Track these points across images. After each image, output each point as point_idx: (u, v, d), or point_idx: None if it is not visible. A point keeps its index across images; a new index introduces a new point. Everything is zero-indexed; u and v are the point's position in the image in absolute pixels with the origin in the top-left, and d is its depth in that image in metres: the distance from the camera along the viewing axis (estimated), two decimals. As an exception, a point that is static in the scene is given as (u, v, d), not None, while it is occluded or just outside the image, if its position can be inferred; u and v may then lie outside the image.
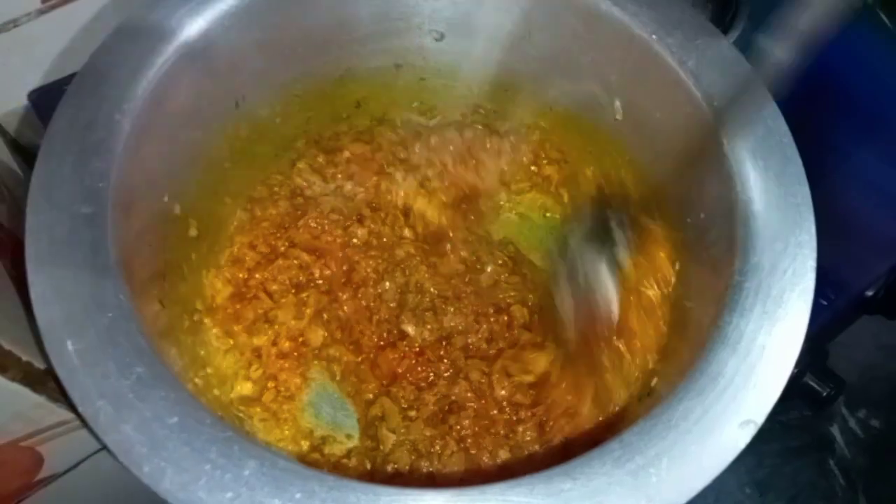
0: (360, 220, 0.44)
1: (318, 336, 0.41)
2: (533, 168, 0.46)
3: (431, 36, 0.43)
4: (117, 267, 0.29)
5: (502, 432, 0.38)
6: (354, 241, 0.44)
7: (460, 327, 0.41)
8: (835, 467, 0.59)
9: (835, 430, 0.60)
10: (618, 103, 0.40)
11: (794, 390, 0.45)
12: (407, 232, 0.44)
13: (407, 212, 0.45)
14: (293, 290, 0.42)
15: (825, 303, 0.42)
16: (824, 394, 0.45)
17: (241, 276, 0.42)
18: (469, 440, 0.38)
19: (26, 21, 0.42)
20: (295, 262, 0.42)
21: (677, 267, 0.38)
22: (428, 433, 0.38)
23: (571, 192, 0.46)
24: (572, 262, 0.40)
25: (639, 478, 0.26)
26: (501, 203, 0.47)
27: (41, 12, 0.42)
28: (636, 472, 0.26)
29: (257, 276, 0.42)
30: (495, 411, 0.39)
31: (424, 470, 0.37)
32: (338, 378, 0.41)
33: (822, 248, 0.32)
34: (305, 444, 0.39)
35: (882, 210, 0.45)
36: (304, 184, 0.45)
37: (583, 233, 0.41)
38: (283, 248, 0.43)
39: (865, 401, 0.60)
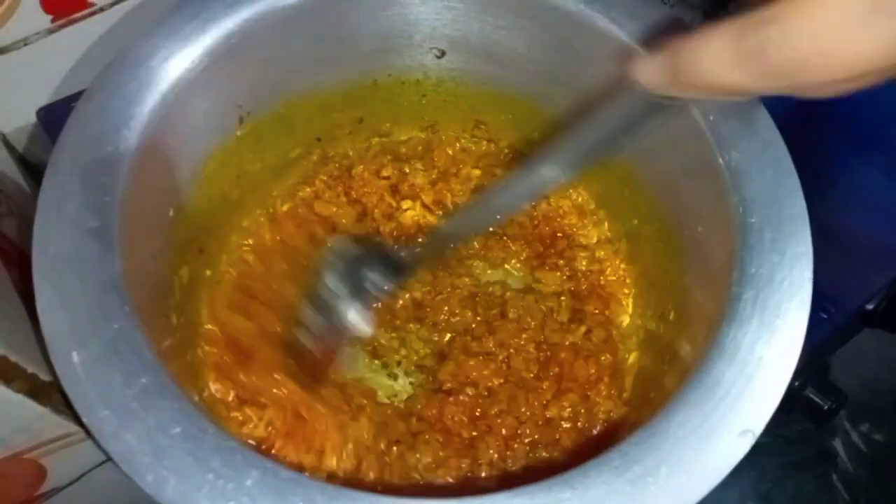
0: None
1: None
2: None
3: (433, 53, 0.43)
4: (123, 279, 0.29)
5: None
6: None
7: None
8: (838, 481, 0.59)
9: (837, 444, 0.60)
10: (616, 118, 0.41)
11: (795, 404, 0.45)
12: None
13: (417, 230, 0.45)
14: None
15: (825, 316, 0.42)
16: (826, 407, 0.45)
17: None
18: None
19: (36, 40, 0.43)
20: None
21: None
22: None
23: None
24: None
25: (637, 487, 0.26)
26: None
27: (50, 31, 0.43)
28: (635, 481, 0.26)
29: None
30: None
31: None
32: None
33: (821, 262, 0.32)
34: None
35: (881, 223, 0.45)
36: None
37: None
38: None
39: (868, 414, 0.60)
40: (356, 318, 0.38)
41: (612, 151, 0.33)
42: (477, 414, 0.39)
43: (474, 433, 0.38)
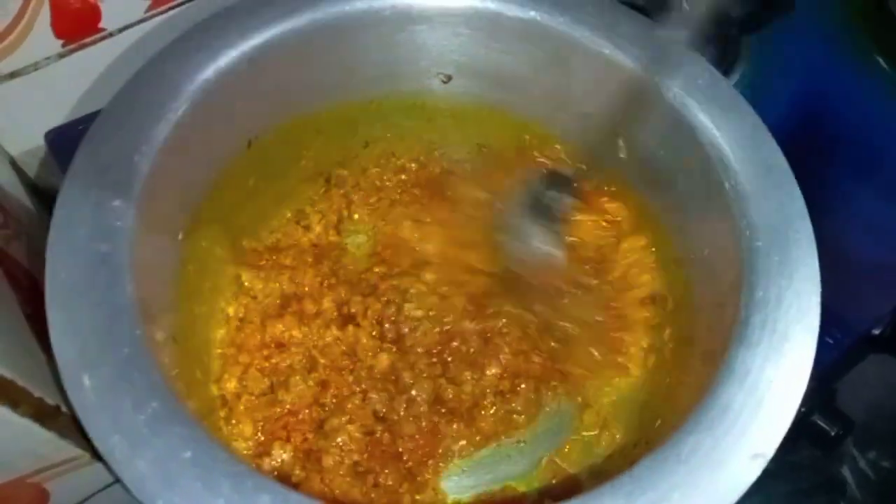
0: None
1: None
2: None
3: (439, 78, 0.44)
4: (133, 304, 0.30)
5: None
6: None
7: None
8: (846, 509, 0.58)
9: (845, 471, 0.59)
10: (621, 142, 0.41)
11: (802, 430, 0.44)
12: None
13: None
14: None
15: (831, 342, 0.42)
16: (833, 433, 0.45)
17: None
18: None
19: (46, 64, 0.43)
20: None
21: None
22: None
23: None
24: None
25: (650, 513, 0.26)
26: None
27: (61, 56, 0.44)
28: (648, 506, 0.26)
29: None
30: None
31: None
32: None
33: (827, 287, 0.32)
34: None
35: (886, 249, 0.46)
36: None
37: None
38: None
39: (876, 441, 0.59)
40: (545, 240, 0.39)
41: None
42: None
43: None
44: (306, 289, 0.43)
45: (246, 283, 0.42)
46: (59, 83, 0.44)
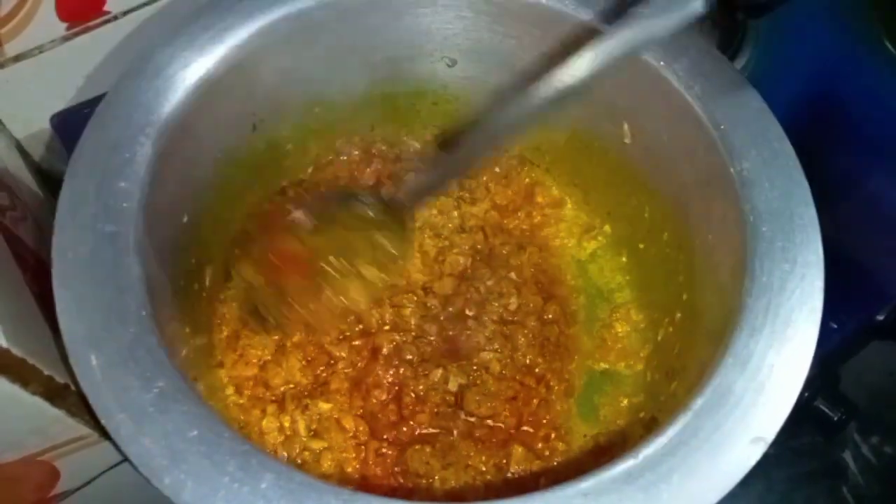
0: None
1: None
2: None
3: (444, 62, 0.44)
4: (139, 284, 0.30)
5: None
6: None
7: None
8: (848, 494, 0.58)
9: (847, 457, 0.59)
10: (626, 127, 0.41)
11: (805, 415, 0.45)
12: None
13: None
14: None
15: (835, 326, 0.42)
16: (835, 418, 0.45)
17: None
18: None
19: (51, 47, 0.43)
20: None
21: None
22: None
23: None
24: None
25: (650, 493, 0.26)
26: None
27: (65, 39, 0.44)
28: (647, 487, 0.27)
29: None
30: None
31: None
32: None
33: (832, 273, 0.32)
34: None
35: (891, 235, 0.45)
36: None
37: None
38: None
39: (878, 427, 0.59)
40: None
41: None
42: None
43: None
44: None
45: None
46: (63, 66, 0.44)
